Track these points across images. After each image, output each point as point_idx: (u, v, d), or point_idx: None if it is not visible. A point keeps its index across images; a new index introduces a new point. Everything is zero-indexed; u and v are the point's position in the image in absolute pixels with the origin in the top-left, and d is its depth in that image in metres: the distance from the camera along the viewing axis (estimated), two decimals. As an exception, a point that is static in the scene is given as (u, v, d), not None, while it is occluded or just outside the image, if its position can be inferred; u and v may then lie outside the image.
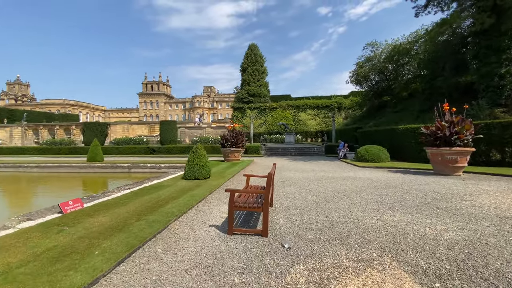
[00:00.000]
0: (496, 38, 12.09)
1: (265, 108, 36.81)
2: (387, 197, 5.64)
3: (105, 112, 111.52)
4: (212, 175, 8.63)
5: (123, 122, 43.22)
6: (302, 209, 4.77)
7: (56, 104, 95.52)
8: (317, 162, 13.86)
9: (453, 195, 5.65)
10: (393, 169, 10.48)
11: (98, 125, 25.50)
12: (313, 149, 20.72)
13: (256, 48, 39.74)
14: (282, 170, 10.72)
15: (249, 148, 20.25)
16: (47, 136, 43.63)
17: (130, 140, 25.86)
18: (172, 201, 5.07)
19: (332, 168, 11.15)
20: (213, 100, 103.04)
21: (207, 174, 7.86)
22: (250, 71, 38.49)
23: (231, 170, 10.08)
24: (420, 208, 4.68)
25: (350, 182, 7.58)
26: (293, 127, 35.11)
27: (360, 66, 27.55)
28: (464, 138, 8.12)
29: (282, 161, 15.02)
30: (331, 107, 36.35)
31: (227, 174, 9.09)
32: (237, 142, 13.56)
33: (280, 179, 8.22)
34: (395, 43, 23.48)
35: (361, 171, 10.27)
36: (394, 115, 22.41)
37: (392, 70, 25.16)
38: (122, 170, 13.29)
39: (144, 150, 21.71)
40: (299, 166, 12.21)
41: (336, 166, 12.11)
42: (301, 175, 9.11)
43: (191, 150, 7.99)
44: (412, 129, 12.25)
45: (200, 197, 5.44)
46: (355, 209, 4.72)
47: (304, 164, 12.86)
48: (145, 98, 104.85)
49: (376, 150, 12.63)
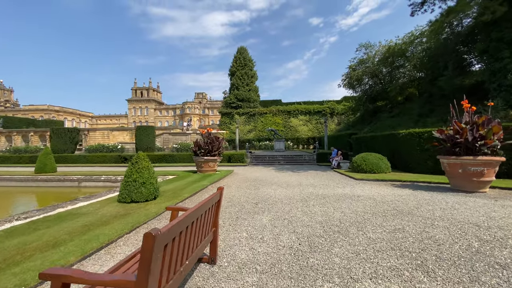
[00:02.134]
0: (508, 29, 10.54)
1: (255, 114, 34.92)
2: (406, 237, 3.59)
3: (92, 119, 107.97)
4: (166, 194, 6.47)
5: (104, 128, 40.53)
6: (266, 271, 2.66)
7: (40, 110, 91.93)
8: (307, 173, 11.84)
9: (506, 230, 3.66)
10: (398, 183, 8.52)
11: (67, 131, 22.94)
12: (304, 157, 18.75)
13: (246, 52, 38.09)
14: (262, 184, 8.63)
15: (233, 156, 18.13)
16: (21, 143, 40.54)
17: (103, 147, 23.38)
18: (42, 252, 2.90)
19: (324, 182, 9.11)
20: (204, 107, 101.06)
21: (150, 194, 5.68)
22: (239, 75, 36.68)
23: (196, 186, 7.92)
24: (472, 267, 2.65)
25: (346, 205, 5.53)
26: (284, 133, 33.25)
27: (353, 69, 26.09)
28: (493, 144, 6.24)
29: (267, 171, 12.94)
30: (323, 112, 34.74)
31: (187, 191, 6.93)
32: (212, 150, 11.42)
33: (253, 200, 6.11)
34: (389, 44, 22.09)
35: (359, 185, 8.27)
36: (390, 120, 20.79)
37: (386, 73, 23.75)
38: (71, 184, 10.91)
39: (115, 159, 19.28)
40: (284, 178, 10.15)
41: (328, 178, 10.10)
42: (283, 193, 7.03)
43: (130, 161, 5.84)
44: (417, 134, 10.41)
45: (102, 242, 3.27)
46: (359, 270, 2.64)
47: (291, 176, 10.81)
48: (134, 104, 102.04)
49: (374, 159, 10.70)
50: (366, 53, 25.17)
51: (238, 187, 8.08)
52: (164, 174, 11.05)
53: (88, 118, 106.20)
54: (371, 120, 24.95)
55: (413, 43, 20.53)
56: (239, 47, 38.29)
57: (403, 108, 21.23)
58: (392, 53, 21.51)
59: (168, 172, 11.62)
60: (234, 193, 7.12)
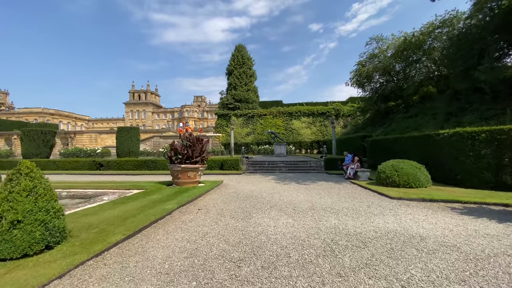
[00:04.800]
0: None
1: (253, 115, 32.21)
2: None
3: (88, 122, 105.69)
4: (89, 230, 3.73)
5: (92, 131, 37.89)
6: None
7: (34, 113, 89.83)
8: (317, 186, 9.05)
9: None
10: (457, 205, 5.73)
11: (41, 133, 20.23)
12: (309, 163, 15.98)
13: (244, 49, 35.57)
14: (256, 207, 5.85)
15: (226, 163, 15.38)
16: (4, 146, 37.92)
17: (80, 152, 20.64)
18: None
19: (347, 202, 6.33)
20: (203, 110, 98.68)
21: (35, 241, 2.92)
22: (237, 73, 34.07)
23: (153, 212, 5.15)
24: None
25: (416, 269, 2.76)
26: (285, 136, 30.51)
27: (362, 64, 23.46)
28: None
29: (265, 182, 10.16)
30: (327, 114, 32.03)
31: (132, 224, 4.17)
32: (193, 155, 8.66)
33: (235, 251, 3.33)
34: (405, 36, 19.47)
35: (401, 209, 5.48)
36: (407, 121, 18.04)
37: (400, 69, 21.13)
38: None
39: (89, 164, 16.54)
40: (288, 194, 7.38)
41: (350, 195, 7.31)
42: (289, 229, 4.26)
43: (5, 178, 3.11)
44: (469, 135, 7.65)
45: None
46: None
47: (297, 190, 8.03)
48: (131, 108, 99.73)
49: (410, 168, 7.93)
50: (377, 47, 22.58)
51: (220, 214, 5.31)
52: (127, 188, 8.30)
53: (85, 122, 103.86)
54: (383, 121, 22.22)
55: (433, 34, 17.94)
56: (237, 44, 35.78)
57: (422, 108, 18.49)
58: (409, 45, 18.91)
59: (135, 185, 8.87)
60: (207, 227, 4.36)
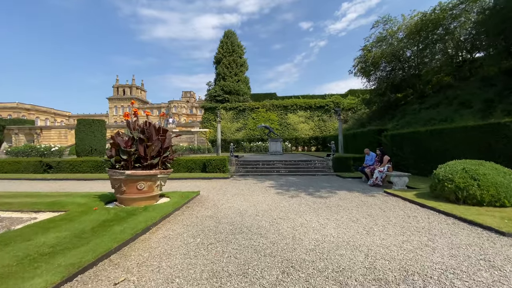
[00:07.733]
0: None
1: (245, 109, 28.93)
2: None
3: (69, 118, 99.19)
4: None
5: (61, 126, 33.59)
6: None
7: (8, 108, 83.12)
8: (340, 200, 5.98)
9: None
10: None
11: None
12: (314, 164, 12.93)
13: (234, 36, 32.06)
14: (250, 267, 2.66)
15: (210, 163, 12.12)
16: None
17: (32, 150, 16.85)
18: None
19: (424, 244, 3.27)
20: (192, 106, 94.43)
21: None
22: (226, 62, 30.58)
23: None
24: None
25: None
26: (280, 132, 27.45)
27: (368, 50, 20.59)
28: None
29: (262, 193, 6.99)
30: (326, 107, 29.16)
31: None
32: (147, 155, 5.39)
33: None
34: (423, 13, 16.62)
35: None
36: (427, 112, 15.25)
37: (413, 54, 18.36)
38: None
39: (35, 166, 12.90)
40: (305, 223, 4.27)
41: (412, 224, 4.27)
42: None
43: None
44: None
45: None
46: None
47: (317, 212, 4.93)
48: (115, 103, 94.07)
49: (495, 173, 4.95)
50: (385, 29, 19.75)
51: None
52: (37, 209, 4.96)
53: (65, 118, 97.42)
54: (393, 114, 19.43)
55: (457, 9, 15.19)
56: (226, 30, 32.25)
57: (442, 97, 15.79)
58: (426, 24, 16.12)
59: (59, 202, 5.49)
60: None
